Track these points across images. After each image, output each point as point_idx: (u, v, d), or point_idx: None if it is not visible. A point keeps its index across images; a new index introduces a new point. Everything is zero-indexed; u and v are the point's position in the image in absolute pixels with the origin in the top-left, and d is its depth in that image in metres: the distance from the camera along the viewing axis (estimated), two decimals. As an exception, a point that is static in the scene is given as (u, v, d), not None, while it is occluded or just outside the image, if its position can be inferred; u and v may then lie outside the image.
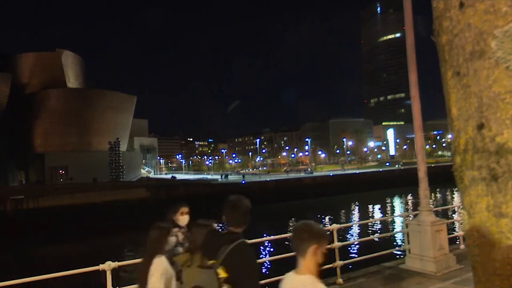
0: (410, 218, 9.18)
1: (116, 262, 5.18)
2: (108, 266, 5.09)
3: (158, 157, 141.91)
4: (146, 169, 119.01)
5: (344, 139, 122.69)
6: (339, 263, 7.56)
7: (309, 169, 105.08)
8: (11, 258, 29.24)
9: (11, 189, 57.71)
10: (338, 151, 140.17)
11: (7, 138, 75.91)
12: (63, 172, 79.95)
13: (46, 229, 36.70)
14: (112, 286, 5.11)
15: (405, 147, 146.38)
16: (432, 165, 70.27)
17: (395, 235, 23.71)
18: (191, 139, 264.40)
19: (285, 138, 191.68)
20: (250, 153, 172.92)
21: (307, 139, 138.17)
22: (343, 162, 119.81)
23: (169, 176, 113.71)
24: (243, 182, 64.81)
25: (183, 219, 4.51)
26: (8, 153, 75.49)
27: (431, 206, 8.08)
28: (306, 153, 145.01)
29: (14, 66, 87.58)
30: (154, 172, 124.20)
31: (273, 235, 8.15)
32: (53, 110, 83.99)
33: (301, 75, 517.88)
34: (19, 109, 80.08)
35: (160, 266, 3.59)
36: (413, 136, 8.83)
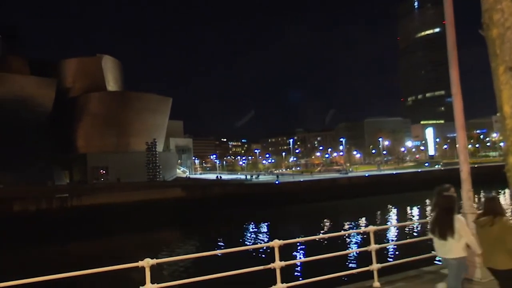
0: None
1: (155, 259, 5.31)
2: (147, 263, 5.23)
3: (193, 157, 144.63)
4: (182, 169, 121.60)
5: (380, 139, 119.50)
6: (376, 266, 7.36)
7: (343, 170, 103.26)
8: (55, 253, 30.82)
9: (56, 188, 60.92)
10: (374, 151, 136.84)
11: (53, 140, 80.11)
12: (104, 172, 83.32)
13: (88, 226, 38.39)
14: (151, 282, 5.24)
15: (445, 146, 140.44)
16: (476, 166, 67.01)
17: (435, 238, 22.75)
18: (225, 140, 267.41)
19: (318, 138, 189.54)
20: (284, 153, 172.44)
21: (341, 139, 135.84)
22: (379, 162, 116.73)
23: (204, 176, 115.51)
24: (277, 182, 64.70)
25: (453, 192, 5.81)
26: (54, 154, 79.66)
27: (474, 208, 7.69)
28: (341, 153, 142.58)
29: (58, 71, 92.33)
30: (189, 172, 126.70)
31: (306, 236, 8.07)
32: (94, 112, 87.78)
33: (334, 74, 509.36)
34: (63, 112, 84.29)
35: (463, 222, 5.56)
36: (455, 135, 8.44)
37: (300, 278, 6.96)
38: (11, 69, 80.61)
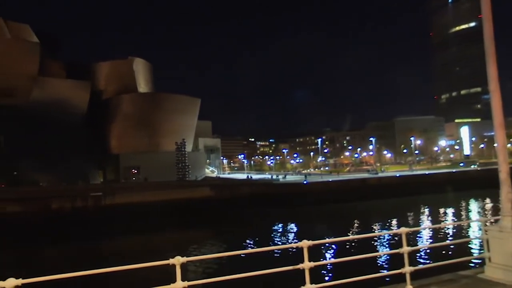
0: (490, 224, 8.39)
1: (185, 257, 5.39)
2: (177, 261, 5.32)
3: (221, 157, 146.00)
4: (210, 169, 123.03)
5: (412, 138, 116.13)
6: (408, 269, 7.15)
7: (373, 170, 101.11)
8: (90, 249, 31.96)
9: (91, 187, 63.23)
10: (405, 150, 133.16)
11: (88, 140, 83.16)
12: (136, 171, 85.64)
13: (121, 224, 39.55)
14: (181, 280, 5.32)
15: (482, 146, 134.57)
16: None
17: (472, 242, 21.91)
18: (253, 140, 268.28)
19: (347, 138, 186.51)
20: (312, 153, 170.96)
21: (371, 139, 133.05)
22: (411, 162, 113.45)
23: (233, 175, 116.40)
24: (305, 182, 64.22)
25: None
26: (88, 154, 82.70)
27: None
28: (371, 153, 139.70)
29: (92, 74, 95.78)
30: (217, 172, 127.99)
31: (336, 237, 7.96)
32: (126, 113, 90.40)
33: (363, 71, 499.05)
34: (97, 114, 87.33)
35: None
36: (493, 133, 8.06)
37: (330, 280, 6.87)
38: (49, 73, 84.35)
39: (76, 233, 36.50)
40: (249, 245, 29.99)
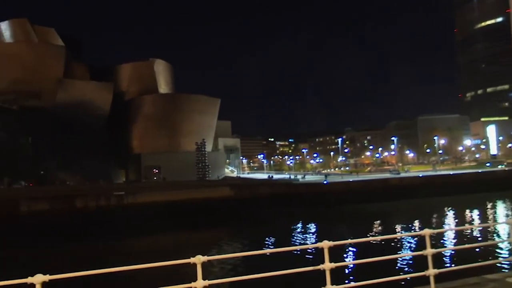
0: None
1: (206, 256, 5.43)
2: (198, 259, 5.36)
3: (241, 157, 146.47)
4: (230, 169, 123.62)
5: (436, 138, 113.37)
6: (432, 271, 6.97)
7: (395, 170, 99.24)
8: (112, 247, 32.63)
9: (114, 186, 64.64)
10: (428, 150, 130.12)
11: (111, 140, 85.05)
12: (157, 171, 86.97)
13: (142, 223, 40.23)
14: (202, 279, 5.35)
15: (510, 145, 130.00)
16: (545, 166, 61.35)
17: (499, 245, 21.19)
18: (272, 139, 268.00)
19: (368, 137, 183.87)
20: (332, 153, 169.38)
21: (393, 138, 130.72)
22: (435, 162, 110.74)
23: (253, 175, 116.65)
24: (326, 182, 63.67)
25: None
26: (111, 154, 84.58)
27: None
28: (392, 153, 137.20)
29: (115, 76, 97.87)
30: (237, 171, 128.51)
31: (356, 238, 7.84)
32: (147, 114, 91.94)
33: (383, 69, 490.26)
34: (119, 115, 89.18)
35: None
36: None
37: (351, 281, 6.77)
38: (74, 75, 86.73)
39: (99, 231, 37.36)
40: (268, 245, 29.97)
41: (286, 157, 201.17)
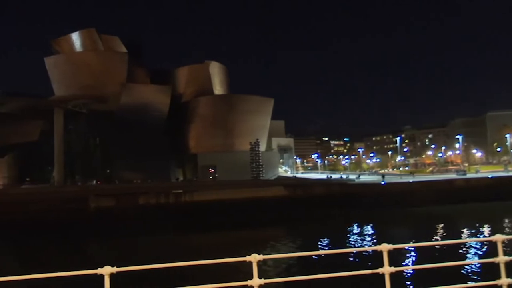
0: None
1: (261, 255, 5.44)
2: (254, 258, 5.38)
3: (295, 157, 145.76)
4: (284, 168, 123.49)
5: (508, 135, 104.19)
6: (505, 280, 6.39)
7: (462, 170, 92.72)
8: (170, 243, 34.10)
9: (172, 184, 67.57)
10: (499, 149, 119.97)
11: (169, 141, 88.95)
12: (213, 170, 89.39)
13: (199, 220, 41.60)
14: (259, 277, 5.37)
15: None
16: None
17: None
18: (326, 139, 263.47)
19: (430, 136, 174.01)
20: (390, 152, 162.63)
21: (458, 136, 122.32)
22: (507, 162, 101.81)
23: (308, 175, 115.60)
24: (383, 183, 61.26)
25: None
26: (169, 154, 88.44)
27: None
28: (457, 152, 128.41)
29: (172, 79, 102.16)
30: (291, 171, 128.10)
31: (417, 241, 7.43)
32: (203, 115, 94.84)
33: (444, 63, 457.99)
34: (177, 116, 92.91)
35: None
36: None
37: (411, 287, 6.43)
38: (135, 79, 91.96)
39: (159, 227, 39.24)
40: (323, 246, 29.49)
41: (341, 156, 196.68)
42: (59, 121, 77.53)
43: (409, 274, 16.67)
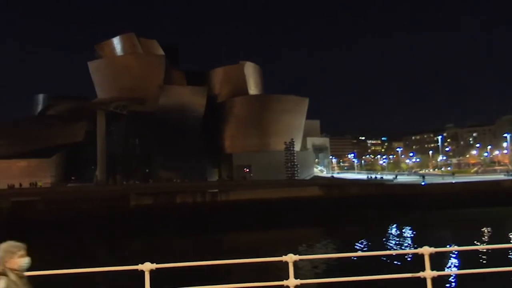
0: None
1: (297, 255, 5.40)
2: (290, 258, 5.36)
3: (330, 156, 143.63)
4: (319, 168, 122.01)
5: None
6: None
7: (510, 170, 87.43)
8: (207, 241, 34.63)
9: (208, 184, 68.71)
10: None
11: (205, 141, 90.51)
12: (247, 170, 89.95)
13: (234, 219, 41.93)
14: (295, 277, 5.34)
15: None
16: None
17: None
18: (363, 138, 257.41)
19: (474, 134, 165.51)
20: (431, 152, 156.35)
21: (505, 135, 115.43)
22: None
23: (345, 175, 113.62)
24: (424, 183, 59.01)
25: None
26: (205, 154, 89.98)
27: None
28: (505, 151, 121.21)
29: (208, 80, 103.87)
30: (326, 171, 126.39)
31: (461, 245, 7.07)
32: (238, 115, 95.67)
33: (488, 57, 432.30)
34: (212, 116, 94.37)
35: None
36: None
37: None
38: (172, 81, 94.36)
39: (196, 225, 40.03)
40: (360, 247, 28.84)
41: (379, 156, 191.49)
42: (101, 122, 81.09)
43: (452, 279, 15.92)
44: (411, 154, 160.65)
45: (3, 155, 78.10)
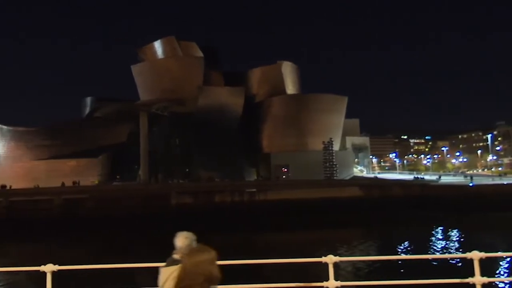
0: None
1: (337, 256, 5.31)
2: (330, 259, 5.28)
3: (370, 156, 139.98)
4: (359, 168, 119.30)
5: None
6: None
7: None
8: (244, 240, 34.86)
9: (246, 183, 69.20)
10: None
11: (243, 141, 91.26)
12: (286, 170, 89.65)
13: (272, 219, 41.95)
14: (335, 279, 5.25)
15: None
16: None
17: None
18: (405, 137, 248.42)
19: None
20: (480, 151, 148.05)
21: None
22: None
23: (390, 175, 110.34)
24: (472, 184, 56.00)
25: None
26: (243, 154, 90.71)
27: None
28: None
29: (245, 80, 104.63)
30: (366, 171, 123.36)
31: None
32: (276, 115, 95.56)
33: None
34: (250, 116, 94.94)
35: None
36: None
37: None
38: (211, 82, 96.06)
39: (234, 224, 40.46)
40: (402, 250, 27.86)
41: (422, 156, 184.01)
42: (144, 123, 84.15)
43: (504, 287, 14.99)
44: (457, 154, 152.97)
45: (56, 155, 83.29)
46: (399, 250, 27.84)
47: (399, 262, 15.39)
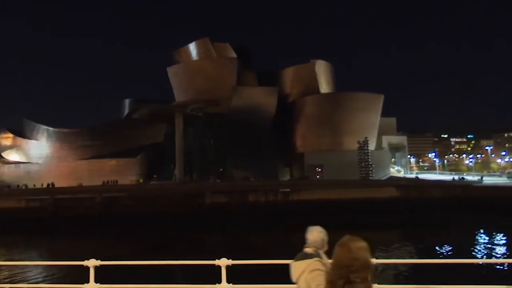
0: None
1: (373, 259, 5.22)
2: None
3: (408, 156, 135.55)
4: (396, 168, 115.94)
5: None
6: None
7: None
8: (279, 240, 34.83)
9: (280, 183, 69.14)
10: None
11: (277, 140, 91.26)
12: (319, 169, 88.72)
13: (306, 220, 41.60)
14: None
15: None
16: None
17: None
18: (446, 136, 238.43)
19: None
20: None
21: None
22: None
23: (428, 176, 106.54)
24: (518, 186, 52.88)
25: None
26: (277, 153, 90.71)
27: None
28: None
29: (279, 80, 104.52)
30: (404, 171, 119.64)
31: None
32: (309, 114, 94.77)
33: None
34: (283, 116, 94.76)
35: None
36: None
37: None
38: (245, 82, 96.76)
39: (267, 224, 40.55)
40: (442, 254, 26.79)
41: (464, 155, 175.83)
42: (179, 124, 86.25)
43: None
44: (503, 153, 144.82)
45: (98, 155, 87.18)
46: (439, 253, 26.81)
47: (439, 266, 14.78)
